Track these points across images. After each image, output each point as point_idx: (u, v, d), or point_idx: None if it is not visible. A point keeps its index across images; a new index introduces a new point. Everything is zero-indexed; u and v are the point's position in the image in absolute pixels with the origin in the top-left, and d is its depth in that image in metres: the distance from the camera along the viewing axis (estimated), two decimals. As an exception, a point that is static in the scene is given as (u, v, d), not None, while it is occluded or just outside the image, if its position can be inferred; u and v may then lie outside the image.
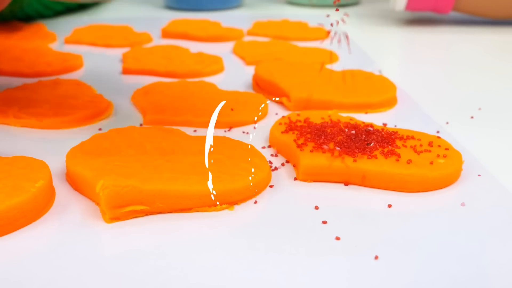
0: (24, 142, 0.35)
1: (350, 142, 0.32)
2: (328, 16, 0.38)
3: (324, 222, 0.26)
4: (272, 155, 0.34)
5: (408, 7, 0.69)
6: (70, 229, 0.26)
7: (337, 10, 0.33)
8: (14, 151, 0.33)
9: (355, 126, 0.34)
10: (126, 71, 0.51)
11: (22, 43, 0.60)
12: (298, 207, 0.28)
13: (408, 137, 0.33)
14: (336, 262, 0.23)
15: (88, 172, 0.28)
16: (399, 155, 0.30)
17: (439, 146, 0.32)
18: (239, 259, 0.24)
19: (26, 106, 0.39)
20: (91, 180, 0.27)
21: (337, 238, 0.25)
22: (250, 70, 0.51)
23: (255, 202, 0.28)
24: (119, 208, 0.26)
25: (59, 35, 0.65)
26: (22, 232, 0.26)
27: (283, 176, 0.31)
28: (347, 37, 0.38)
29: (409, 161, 0.30)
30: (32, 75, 0.49)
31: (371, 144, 0.31)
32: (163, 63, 0.51)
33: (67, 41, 0.63)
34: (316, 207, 0.28)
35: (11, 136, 0.36)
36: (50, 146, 0.35)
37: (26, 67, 0.50)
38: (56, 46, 0.61)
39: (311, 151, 0.31)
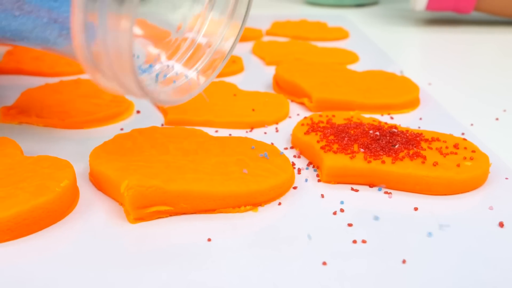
0: (46, 142, 0.35)
1: (374, 144, 0.31)
2: None
3: (350, 225, 0.26)
4: (294, 156, 0.33)
5: (429, 7, 0.69)
6: (94, 229, 0.26)
7: None
8: (37, 151, 0.34)
9: (379, 127, 0.34)
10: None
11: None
12: (323, 209, 0.27)
13: (433, 139, 0.32)
14: (363, 266, 0.23)
15: (112, 172, 0.28)
16: (424, 157, 0.30)
17: (465, 148, 0.31)
18: (263, 261, 0.23)
19: (48, 106, 0.40)
20: (115, 180, 0.27)
21: (363, 242, 0.25)
22: (270, 70, 0.51)
23: (279, 203, 0.28)
24: (144, 209, 0.26)
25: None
26: (46, 232, 0.26)
27: (306, 178, 0.31)
28: None
29: (435, 164, 0.29)
30: (53, 75, 0.49)
31: (396, 146, 0.31)
32: (183, 63, 0.51)
33: (87, 41, 0.63)
34: (342, 210, 0.27)
35: (34, 135, 0.36)
36: (73, 145, 0.35)
37: (47, 67, 0.50)
38: (76, 46, 0.62)
39: (335, 152, 0.30)
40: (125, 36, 0.22)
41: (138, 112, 0.41)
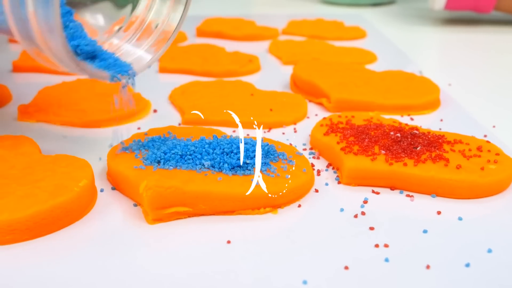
0: (64, 140, 0.35)
1: (395, 146, 0.31)
2: None
3: (372, 228, 0.26)
4: (313, 157, 0.33)
5: (448, 6, 0.68)
6: (112, 230, 0.26)
7: None
8: (55, 149, 0.33)
9: (400, 129, 0.33)
10: (162, 70, 0.50)
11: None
12: (343, 212, 0.27)
13: (455, 141, 0.32)
14: (386, 271, 0.23)
15: (131, 172, 0.28)
16: (447, 160, 0.29)
17: (489, 151, 0.31)
18: (284, 265, 0.23)
19: (65, 104, 0.40)
20: (133, 180, 0.27)
21: (386, 246, 0.24)
22: (287, 70, 0.50)
23: (299, 206, 0.28)
24: (162, 210, 0.26)
25: (95, 33, 0.66)
26: (64, 231, 0.25)
27: (326, 180, 0.30)
28: None
29: (458, 167, 0.29)
30: (70, 73, 0.49)
31: (418, 148, 0.30)
32: (199, 62, 0.51)
33: (103, 39, 0.63)
34: (363, 213, 0.27)
35: (51, 134, 0.36)
36: (90, 144, 0.35)
37: (64, 65, 0.50)
38: (92, 44, 0.62)
39: (356, 154, 0.30)
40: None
41: (155, 111, 0.40)
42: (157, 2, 0.33)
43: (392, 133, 0.32)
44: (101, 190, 0.29)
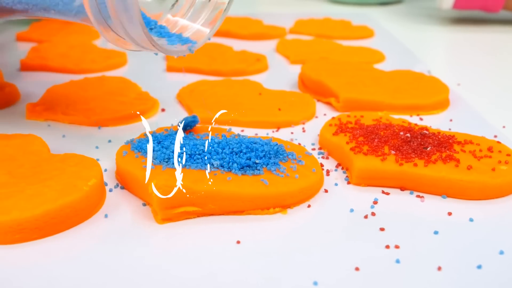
0: (72, 139, 0.35)
1: (405, 146, 0.30)
2: None
3: (382, 229, 0.25)
4: (322, 157, 0.33)
5: (456, 5, 0.67)
6: (121, 229, 0.26)
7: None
8: (63, 148, 0.33)
9: (409, 129, 0.33)
10: (170, 69, 0.50)
11: (67, 39, 0.61)
12: (353, 213, 0.27)
13: (466, 142, 0.31)
14: (397, 272, 0.22)
15: (140, 171, 0.27)
16: (458, 161, 0.29)
17: (499, 151, 0.30)
18: (293, 264, 0.23)
19: (73, 103, 0.40)
20: (142, 180, 0.27)
21: (397, 247, 0.24)
22: (295, 69, 0.50)
23: (309, 206, 0.27)
24: (171, 209, 0.26)
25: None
26: (74, 230, 0.25)
27: (335, 180, 0.30)
28: None
29: (469, 167, 0.28)
30: (78, 71, 0.49)
31: (428, 149, 0.30)
32: (206, 61, 0.51)
33: (111, 38, 0.63)
34: (373, 213, 0.27)
35: (59, 132, 0.36)
36: (98, 143, 0.35)
37: (72, 64, 0.50)
38: (100, 43, 0.62)
39: (365, 154, 0.30)
40: None
41: (163, 110, 0.40)
42: None
43: (401, 133, 0.32)
44: (110, 190, 0.29)
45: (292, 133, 0.36)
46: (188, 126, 0.32)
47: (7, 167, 0.28)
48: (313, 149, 0.34)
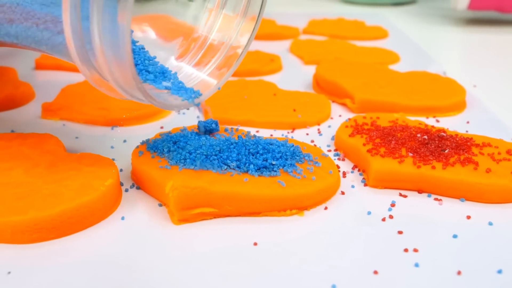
0: (87, 139, 0.35)
1: (423, 148, 0.30)
2: None
3: (400, 232, 0.25)
4: (338, 159, 0.32)
5: (471, 6, 0.67)
6: (138, 230, 0.25)
7: None
8: (78, 147, 0.33)
9: (427, 131, 0.33)
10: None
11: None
12: (371, 215, 0.27)
13: (484, 144, 0.31)
14: (416, 276, 0.22)
15: (156, 171, 0.27)
16: (477, 163, 0.29)
17: (519, 154, 0.30)
18: (311, 267, 0.23)
19: (88, 102, 0.40)
20: (159, 180, 0.27)
21: (415, 250, 0.24)
22: (309, 70, 0.50)
23: (325, 208, 0.27)
24: (188, 210, 0.26)
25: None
26: (90, 230, 0.25)
27: (352, 182, 0.30)
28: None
29: (488, 170, 0.28)
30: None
31: (446, 151, 0.30)
32: (220, 61, 0.51)
33: (124, 38, 0.63)
34: (391, 216, 0.26)
35: (74, 132, 0.36)
36: (113, 142, 0.35)
37: (86, 63, 0.50)
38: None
39: (382, 156, 0.29)
40: (123, 31, 0.21)
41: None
42: (221, 18, 0.30)
43: (419, 135, 0.32)
44: (126, 190, 0.29)
45: (307, 134, 0.36)
46: (208, 131, 0.32)
47: (23, 166, 0.28)
48: (329, 151, 0.33)
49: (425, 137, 0.31)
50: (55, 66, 0.50)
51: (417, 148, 0.30)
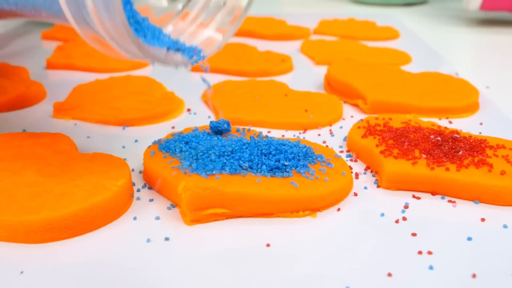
0: (99, 138, 0.35)
1: (436, 150, 0.30)
2: None
3: (414, 235, 0.25)
4: (351, 160, 0.32)
5: (483, 6, 0.66)
6: (150, 230, 0.25)
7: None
8: (90, 147, 0.34)
9: (440, 132, 0.32)
10: (194, 69, 0.50)
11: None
12: (384, 217, 0.26)
13: (498, 146, 0.31)
14: (430, 279, 0.22)
15: (168, 172, 0.27)
16: (491, 165, 0.28)
17: (534, 156, 0.30)
18: (324, 269, 0.22)
19: (99, 102, 0.40)
20: (171, 181, 0.27)
21: (429, 253, 0.24)
22: (320, 70, 0.50)
23: (338, 209, 0.27)
24: (200, 211, 0.25)
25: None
26: (102, 230, 0.25)
27: (365, 183, 0.30)
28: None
29: (502, 172, 0.28)
30: (103, 71, 0.50)
31: (460, 153, 0.29)
32: (231, 61, 0.51)
33: (135, 37, 0.63)
34: (404, 218, 0.26)
35: (86, 132, 0.36)
36: (125, 142, 0.35)
37: (97, 63, 0.50)
38: (124, 42, 0.62)
39: (396, 157, 0.29)
40: None
41: (188, 110, 0.40)
42: None
43: (432, 136, 0.31)
44: (138, 190, 0.29)
45: (319, 135, 0.36)
46: (219, 132, 0.31)
47: (36, 165, 0.28)
48: (341, 152, 0.33)
49: (439, 138, 0.31)
50: (67, 66, 0.50)
51: (430, 149, 0.30)
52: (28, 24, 0.71)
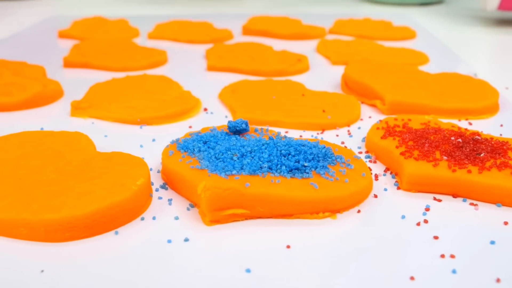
0: (116, 137, 0.35)
1: (457, 152, 0.29)
2: None
3: (436, 238, 0.25)
4: (370, 161, 0.32)
5: (501, 6, 0.65)
6: (169, 230, 0.25)
7: None
8: (108, 146, 0.33)
9: (460, 134, 0.32)
10: (210, 68, 0.50)
11: (106, 37, 0.61)
12: (405, 219, 0.26)
13: (520, 148, 0.30)
14: (453, 283, 0.22)
15: (187, 171, 0.27)
16: (514, 168, 0.28)
17: (557, 159, 0.29)
18: (345, 272, 0.22)
19: (116, 101, 0.40)
20: (190, 180, 0.27)
21: (452, 256, 0.23)
22: (337, 70, 0.50)
23: (358, 211, 0.27)
24: (220, 211, 0.25)
25: (142, 30, 0.66)
26: (122, 230, 0.25)
27: (384, 185, 0.29)
28: None
29: (526, 175, 0.27)
30: (119, 69, 0.50)
31: (482, 155, 0.29)
32: (246, 60, 0.50)
33: (150, 36, 0.63)
34: (425, 221, 0.26)
35: (103, 130, 0.36)
36: (142, 141, 0.35)
37: (113, 62, 0.50)
38: (139, 41, 0.62)
39: (416, 159, 0.29)
40: None
41: (205, 109, 0.40)
42: None
43: (452, 138, 0.31)
44: (156, 190, 0.29)
45: (337, 135, 0.36)
46: (237, 132, 0.31)
47: (55, 164, 0.28)
48: (360, 152, 0.33)
49: (459, 140, 0.31)
50: (83, 64, 0.50)
51: (451, 151, 0.30)
52: (43, 24, 0.72)
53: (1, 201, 0.25)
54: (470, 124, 0.37)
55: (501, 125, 0.37)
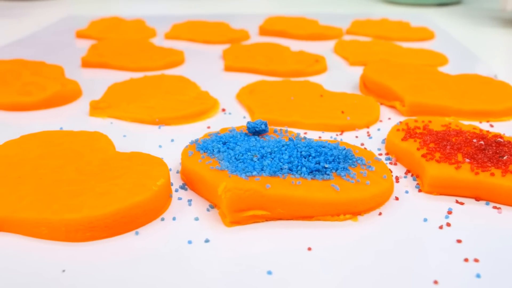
0: (135, 137, 0.35)
1: (480, 154, 0.29)
2: None
3: (459, 241, 0.24)
4: (390, 163, 0.32)
5: (521, 7, 0.65)
6: (189, 231, 0.25)
7: None
8: (127, 146, 0.34)
9: (482, 136, 0.31)
10: (228, 68, 0.50)
11: (123, 37, 0.61)
12: (427, 222, 0.26)
13: (544, 151, 0.30)
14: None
15: (208, 172, 0.27)
16: (538, 171, 0.27)
17: None
18: (367, 275, 0.22)
19: (134, 101, 0.40)
20: (210, 181, 0.27)
21: (476, 260, 0.23)
22: (355, 71, 0.49)
23: (380, 214, 0.26)
24: (240, 212, 0.25)
25: (159, 31, 0.66)
26: (142, 230, 0.25)
27: (406, 187, 0.29)
28: None
29: (551, 179, 0.27)
30: (136, 69, 0.50)
31: (505, 157, 0.29)
32: (264, 61, 0.50)
33: (167, 37, 0.63)
34: (448, 224, 0.25)
35: (122, 130, 0.36)
36: (161, 141, 0.35)
37: (131, 62, 0.50)
38: (156, 41, 0.62)
39: (438, 161, 0.29)
40: None
41: (223, 110, 0.40)
42: None
43: (474, 140, 0.31)
44: (176, 190, 0.29)
45: (356, 137, 0.35)
46: (257, 133, 0.31)
47: (75, 163, 0.28)
48: (380, 154, 0.33)
49: (482, 142, 0.30)
50: (101, 64, 0.50)
51: (473, 153, 0.29)
52: (61, 23, 0.72)
53: (22, 201, 0.25)
54: (492, 126, 0.37)
55: (523, 128, 0.37)
